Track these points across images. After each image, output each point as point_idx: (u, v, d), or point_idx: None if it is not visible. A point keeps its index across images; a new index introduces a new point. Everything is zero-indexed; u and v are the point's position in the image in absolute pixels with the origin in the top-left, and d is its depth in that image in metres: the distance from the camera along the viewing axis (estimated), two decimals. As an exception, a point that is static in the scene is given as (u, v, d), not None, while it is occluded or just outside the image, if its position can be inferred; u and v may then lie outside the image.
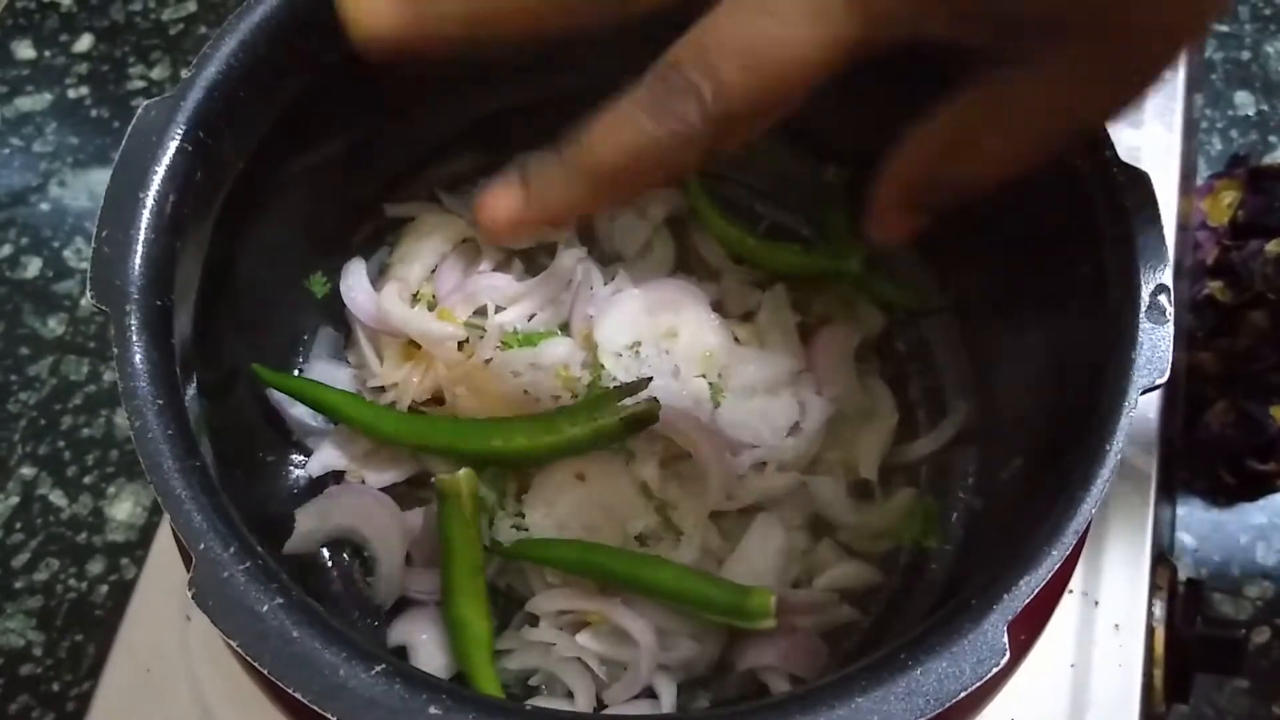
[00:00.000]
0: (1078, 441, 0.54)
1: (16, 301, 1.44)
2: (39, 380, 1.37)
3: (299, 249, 0.78)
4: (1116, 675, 0.76)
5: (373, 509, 0.74)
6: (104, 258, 0.55)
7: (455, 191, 0.85)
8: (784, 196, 0.86)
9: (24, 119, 1.57)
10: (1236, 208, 1.25)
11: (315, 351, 0.81)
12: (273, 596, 0.49)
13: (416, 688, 0.48)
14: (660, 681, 0.70)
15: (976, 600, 0.50)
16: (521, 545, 0.70)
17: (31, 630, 1.23)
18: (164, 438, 0.52)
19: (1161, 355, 0.55)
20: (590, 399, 0.71)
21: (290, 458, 0.77)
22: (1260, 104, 1.54)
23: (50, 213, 1.50)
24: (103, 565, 1.26)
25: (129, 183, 0.57)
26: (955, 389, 0.78)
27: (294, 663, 0.48)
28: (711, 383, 0.76)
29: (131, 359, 0.53)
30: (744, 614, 0.66)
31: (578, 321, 0.78)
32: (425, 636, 0.71)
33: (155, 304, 0.55)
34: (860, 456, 0.77)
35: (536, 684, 0.71)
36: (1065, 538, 0.51)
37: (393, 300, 0.78)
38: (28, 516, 1.29)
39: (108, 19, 1.64)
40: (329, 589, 0.74)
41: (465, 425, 0.73)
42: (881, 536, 0.76)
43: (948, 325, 0.79)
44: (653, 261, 0.84)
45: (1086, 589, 0.78)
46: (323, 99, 0.68)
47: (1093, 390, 0.55)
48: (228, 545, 0.50)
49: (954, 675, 0.48)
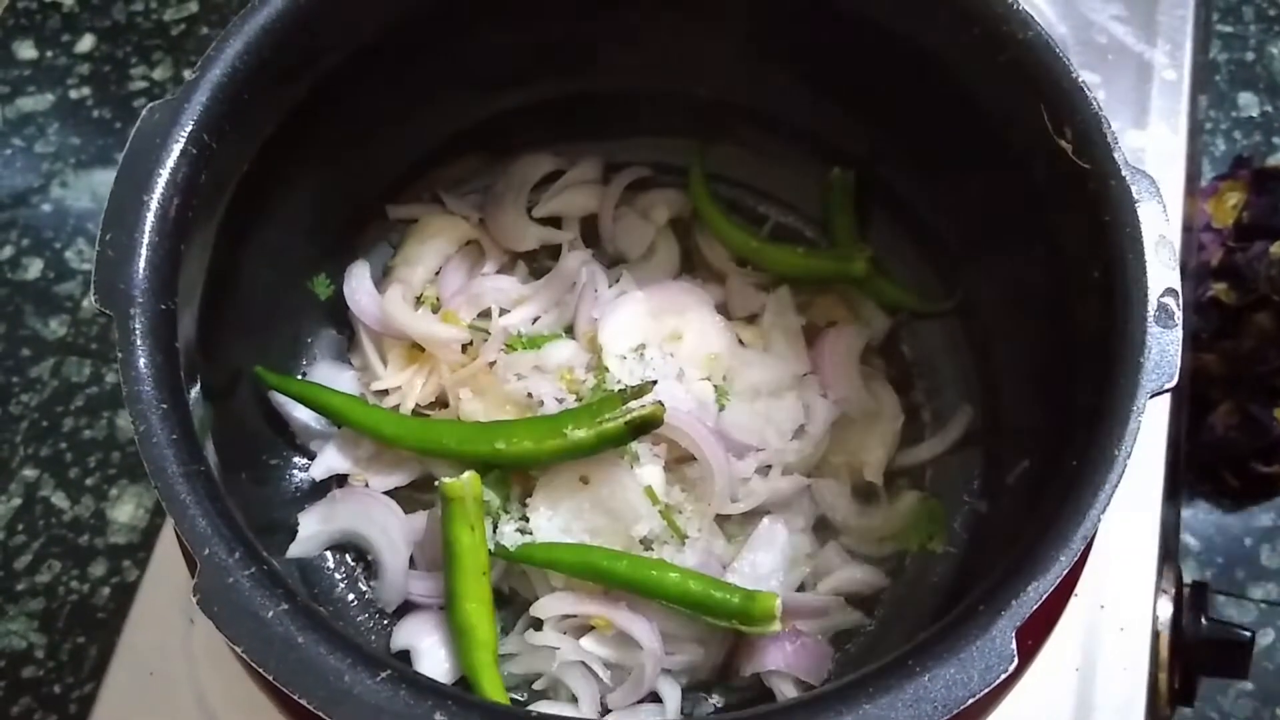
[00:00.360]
0: (1085, 446, 0.53)
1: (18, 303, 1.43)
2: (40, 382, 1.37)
3: (302, 251, 0.78)
4: (1122, 678, 0.76)
5: (376, 512, 0.74)
6: (108, 261, 0.55)
7: (457, 192, 0.85)
8: (789, 199, 0.86)
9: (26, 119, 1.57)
10: (1241, 209, 1.24)
11: (318, 354, 0.81)
12: (277, 602, 0.49)
13: (421, 694, 0.48)
14: (665, 686, 0.70)
15: (984, 606, 0.50)
16: (525, 549, 0.70)
17: (34, 632, 1.23)
18: (168, 442, 0.52)
19: (1170, 359, 0.54)
20: (594, 402, 0.71)
21: (294, 461, 0.77)
22: (1265, 105, 1.53)
23: (52, 214, 1.50)
24: (105, 567, 1.26)
25: (132, 186, 0.57)
26: (960, 392, 0.78)
27: (299, 669, 0.48)
28: (716, 385, 0.75)
29: (136, 363, 0.53)
30: (749, 618, 0.66)
31: (582, 324, 0.78)
32: (429, 640, 0.71)
33: (159, 308, 0.55)
34: (865, 459, 0.77)
35: (541, 688, 0.71)
36: (1073, 544, 0.50)
37: (396, 303, 0.78)
38: (30, 518, 1.29)
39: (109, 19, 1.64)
40: (333, 592, 0.74)
41: (469, 428, 0.73)
42: (887, 540, 0.76)
43: (953, 328, 0.79)
44: (657, 264, 0.84)
45: (1092, 592, 0.78)
46: (326, 101, 0.68)
47: (1100, 394, 0.54)
48: (232, 550, 0.50)
49: (962, 682, 0.48)
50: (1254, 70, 1.56)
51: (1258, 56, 1.56)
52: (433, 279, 0.82)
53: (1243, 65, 1.56)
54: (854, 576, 0.73)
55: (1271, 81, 1.54)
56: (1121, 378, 0.54)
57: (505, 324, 0.78)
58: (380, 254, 0.84)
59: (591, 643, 0.69)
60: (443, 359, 0.78)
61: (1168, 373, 0.54)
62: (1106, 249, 0.58)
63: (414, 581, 0.73)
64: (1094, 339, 0.58)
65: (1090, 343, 0.58)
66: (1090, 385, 0.56)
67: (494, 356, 0.76)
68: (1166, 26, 1.00)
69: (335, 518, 0.74)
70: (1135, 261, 0.57)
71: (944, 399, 0.79)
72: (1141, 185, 0.58)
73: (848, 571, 0.74)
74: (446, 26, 0.72)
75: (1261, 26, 1.58)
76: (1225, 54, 1.56)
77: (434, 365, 0.78)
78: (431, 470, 0.75)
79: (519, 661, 0.71)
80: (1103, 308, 0.57)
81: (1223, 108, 1.53)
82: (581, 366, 0.76)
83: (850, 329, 0.80)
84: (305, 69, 0.66)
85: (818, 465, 0.77)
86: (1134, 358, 0.54)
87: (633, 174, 0.85)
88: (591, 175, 0.85)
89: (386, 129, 0.78)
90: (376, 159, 0.80)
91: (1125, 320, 0.55)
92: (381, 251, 0.84)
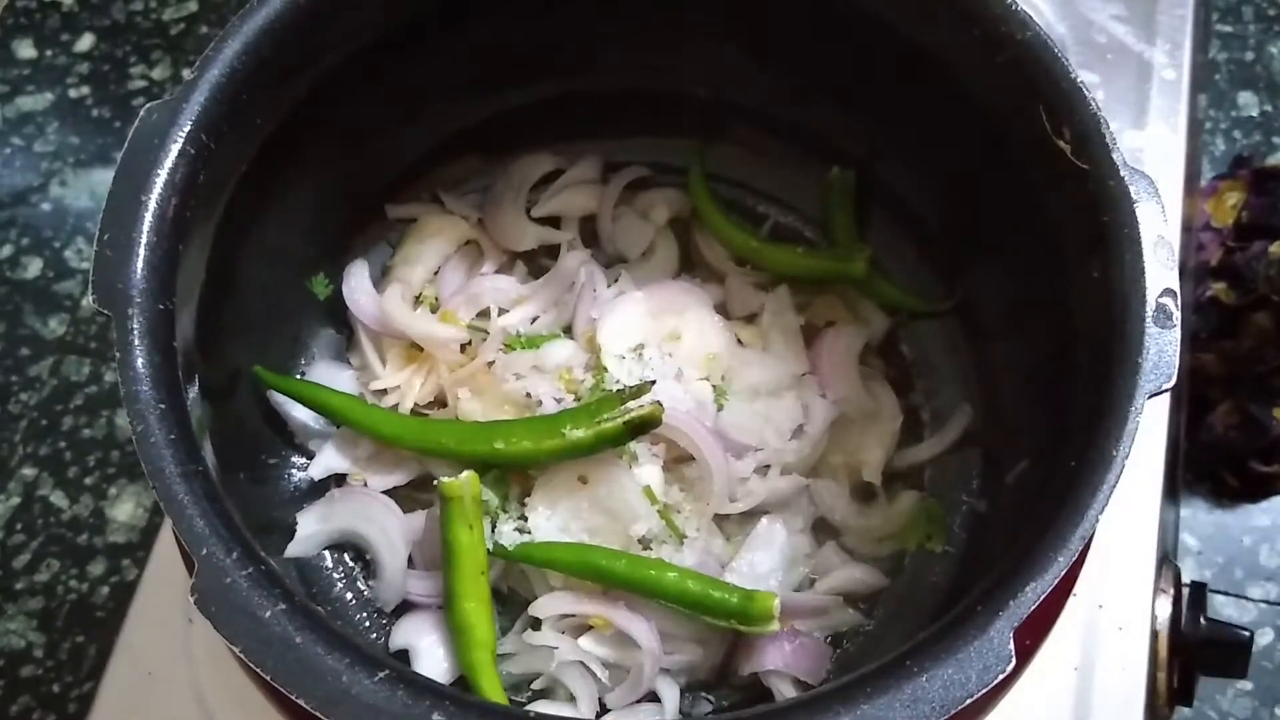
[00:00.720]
0: (1084, 446, 0.53)
1: (17, 302, 1.43)
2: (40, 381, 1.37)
3: (301, 251, 0.78)
4: (1120, 678, 0.76)
5: (375, 512, 0.74)
6: (106, 261, 0.55)
7: (456, 192, 0.85)
8: (788, 198, 0.86)
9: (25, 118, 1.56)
10: (1240, 209, 1.24)
11: (317, 354, 0.81)
12: (275, 602, 0.49)
13: (419, 694, 0.47)
14: (663, 686, 0.70)
15: (982, 607, 0.50)
16: (524, 548, 0.70)
17: (32, 631, 1.23)
18: (166, 442, 0.52)
19: (1168, 359, 0.54)
20: (593, 402, 0.71)
21: (292, 461, 0.77)
22: (1264, 104, 1.53)
23: (51, 213, 1.50)
24: (104, 566, 1.26)
25: (131, 186, 0.56)
26: (959, 392, 0.78)
27: (297, 669, 0.48)
28: (715, 385, 0.75)
29: (134, 363, 0.53)
30: (747, 617, 0.66)
31: (581, 324, 0.78)
32: (428, 640, 0.71)
33: (158, 307, 0.55)
34: (864, 459, 0.77)
35: (539, 688, 0.71)
36: (1071, 544, 0.50)
37: (395, 302, 0.78)
38: (29, 517, 1.29)
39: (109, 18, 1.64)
40: (331, 592, 0.74)
41: (468, 428, 0.73)
42: (885, 540, 0.76)
43: (952, 328, 0.79)
44: (656, 264, 0.84)
45: (1091, 592, 0.78)
46: (325, 101, 0.68)
47: (1099, 394, 0.54)
48: (230, 550, 0.50)
49: (959, 682, 0.48)
50: (1253, 70, 1.55)
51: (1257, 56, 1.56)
52: (432, 279, 0.82)
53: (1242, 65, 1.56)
54: (852, 576, 0.73)
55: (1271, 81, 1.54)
56: (1120, 378, 0.54)
57: (504, 324, 0.78)
58: (379, 254, 0.84)
59: (590, 642, 0.69)
60: (441, 359, 0.78)
61: (1166, 373, 0.54)
62: (1105, 249, 0.58)
63: (412, 581, 0.73)
64: (1092, 339, 0.58)
65: (1089, 343, 0.58)
66: (1089, 385, 0.56)
67: (493, 356, 0.76)
68: (1166, 26, 1.00)
69: (334, 517, 0.74)
70: (1133, 262, 0.57)
71: (943, 399, 0.79)
72: (1140, 185, 0.58)
73: (846, 571, 0.74)
74: (445, 26, 0.72)
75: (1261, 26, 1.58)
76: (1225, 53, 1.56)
77: (433, 365, 0.78)
78: (430, 470, 0.75)
79: (517, 661, 0.71)
80: (1101, 308, 0.57)
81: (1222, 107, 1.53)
82: (580, 366, 0.76)
83: (849, 329, 0.80)
84: (304, 69, 0.66)
85: (816, 465, 0.77)
86: (1132, 358, 0.54)
87: (632, 174, 0.85)
88: (590, 175, 0.85)
89: (385, 129, 0.78)
90: (376, 158, 0.80)
91: (1123, 320, 0.55)
92: (380, 251, 0.84)
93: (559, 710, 0.70)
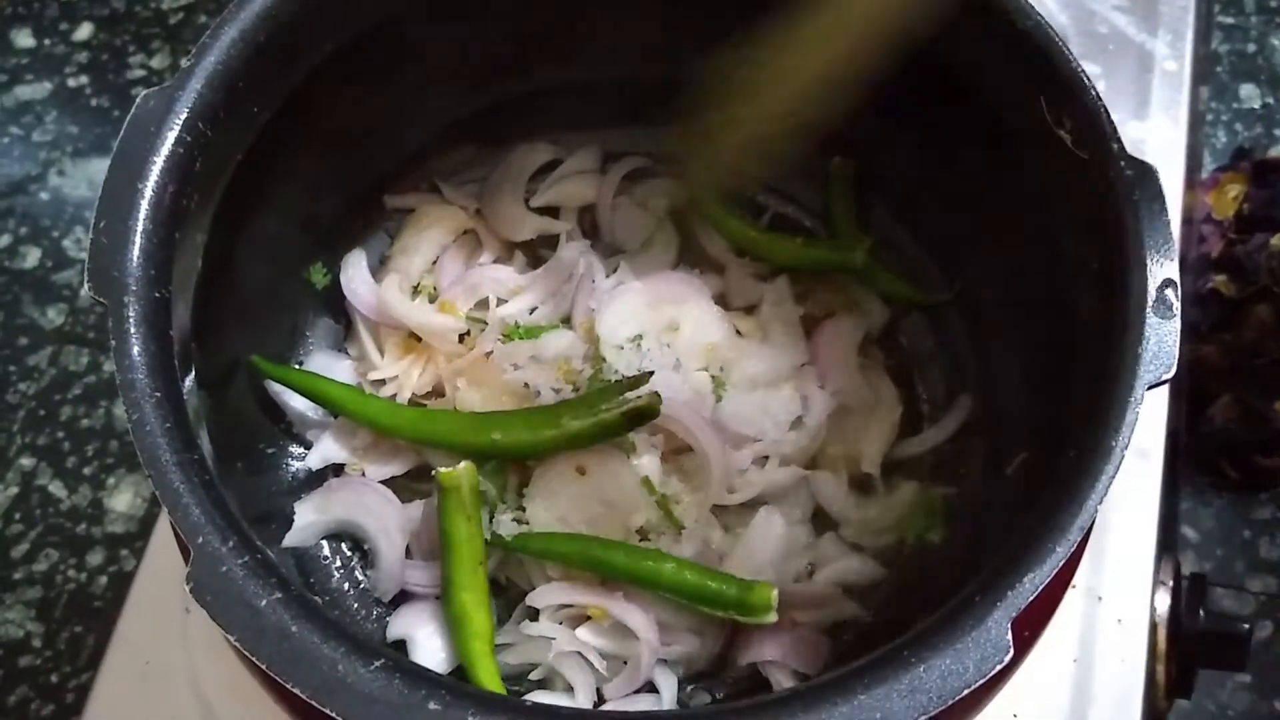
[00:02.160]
0: (1083, 437, 0.53)
1: (16, 291, 1.43)
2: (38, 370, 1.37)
3: (298, 240, 0.78)
4: (1119, 670, 0.76)
5: (373, 502, 0.74)
6: (102, 249, 0.55)
7: (455, 182, 0.84)
8: (788, 188, 0.86)
9: (23, 108, 1.56)
10: (1241, 201, 1.24)
11: (315, 343, 0.80)
12: (271, 591, 0.49)
13: (415, 683, 0.47)
14: (661, 676, 0.70)
15: (980, 597, 0.49)
16: (522, 539, 0.70)
17: (31, 621, 1.23)
18: (162, 431, 0.52)
19: (1168, 350, 0.54)
20: (592, 392, 0.71)
21: (290, 450, 0.76)
22: (1266, 97, 1.53)
23: (50, 202, 1.50)
24: (102, 556, 1.26)
25: (127, 173, 0.56)
26: (959, 383, 0.78)
27: (292, 658, 0.48)
28: (713, 376, 0.75)
29: (129, 351, 0.53)
30: (746, 608, 0.66)
31: (579, 314, 0.78)
32: (425, 630, 0.70)
33: (154, 296, 0.55)
34: (863, 450, 0.76)
35: (537, 678, 0.71)
36: (1070, 535, 0.50)
37: (393, 292, 0.78)
38: (27, 507, 1.29)
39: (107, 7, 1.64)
40: (329, 582, 0.74)
41: (466, 418, 0.73)
42: (884, 531, 0.75)
43: (952, 318, 0.79)
44: (655, 254, 0.83)
45: (1090, 584, 0.78)
46: (322, 90, 0.68)
47: (1099, 385, 0.54)
48: (226, 539, 0.50)
49: (957, 672, 0.48)
50: (1255, 62, 1.55)
51: (1259, 48, 1.56)
52: (430, 268, 0.82)
53: (1244, 57, 1.55)
54: (851, 567, 0.73)
55: (1273, 73, 1.54)
56: (1119, 369, 0.54)
57: (502, 314, 0.78)
58: (377, 243, 0.83)
59: (588, 633, 0.69)
60: (439, 349, 0.78)
61: (1166, 364, 0.54)
62: (1105, 240, 0.58)
63: (410, 571, 0.73)
64: (1092, 330, 0.58)
65: (1089, 333, 0.58)
66: (1088, 376, 0.56)
67: (491, 347, 0.76)
68: (1168, 17, 0.99)
69: (331, 507, 0.73)
70: (1134, 253, 0.56)
71: (942, 390, 0.79)
72: (1141, 174, 0.58)
73: (844, 562, 0.73)
74: (443, 15, 0.72)
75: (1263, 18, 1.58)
76: (1227, 45, 1.56)
77: (431, 355, 0.78)
78: (428, 460, 0.75)
79: (515, 651, 0.71)
80: (1101, 299, 0.57)
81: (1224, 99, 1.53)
82: (579, 357, 0.75)
83: (849, 320, 0.80)
84: (301, 57, 0.66)
85: (815, 456, 0.77)
86: (1132, 348, 0.54)
87: (631, 163, 0.85)
88: (589, 165, 0.85)
89: (383, 118, 0.77)
90: (373, 148, 0.80)
91: (1123, 311, 0.55)
92: (378, 241, 0.83)
93: (557, 701, 0.70)
